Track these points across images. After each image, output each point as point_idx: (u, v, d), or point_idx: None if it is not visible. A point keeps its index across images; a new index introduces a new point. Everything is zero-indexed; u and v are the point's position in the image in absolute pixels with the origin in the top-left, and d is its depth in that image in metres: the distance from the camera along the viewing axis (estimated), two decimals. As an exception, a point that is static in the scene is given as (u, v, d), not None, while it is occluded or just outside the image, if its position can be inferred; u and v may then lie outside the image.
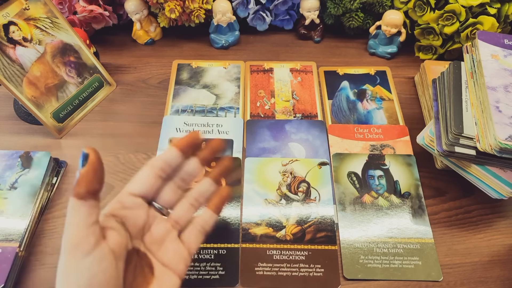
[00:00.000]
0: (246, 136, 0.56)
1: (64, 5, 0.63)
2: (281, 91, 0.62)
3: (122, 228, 0.31)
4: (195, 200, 0.36)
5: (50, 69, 0.54)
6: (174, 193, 0.35)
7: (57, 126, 0.55)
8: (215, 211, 0.36)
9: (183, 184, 0.35)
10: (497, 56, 0.46)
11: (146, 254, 0.33)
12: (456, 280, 0.44)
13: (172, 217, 0.35)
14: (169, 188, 0.34)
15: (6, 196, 0.46)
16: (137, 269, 0.31)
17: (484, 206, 0.50)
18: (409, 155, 0.53)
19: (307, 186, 0.51)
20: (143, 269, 0.32)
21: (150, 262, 0.32)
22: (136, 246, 0.32)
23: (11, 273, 0.41)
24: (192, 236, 0.35)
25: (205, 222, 0.36)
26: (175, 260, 0.33)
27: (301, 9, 0.66)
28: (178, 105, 0.59)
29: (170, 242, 0.34)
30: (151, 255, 0.33)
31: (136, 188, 0.32)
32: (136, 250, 0.32)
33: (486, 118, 0.42)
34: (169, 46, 0.69)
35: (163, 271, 0.33)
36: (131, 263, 0.31)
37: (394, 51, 0.66)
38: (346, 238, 0.46)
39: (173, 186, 0.35)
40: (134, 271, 0.31)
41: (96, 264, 0.27)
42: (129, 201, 0.32)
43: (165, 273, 0.33)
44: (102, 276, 0.27)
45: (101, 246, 0.28)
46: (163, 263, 0.33)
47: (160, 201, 0.34)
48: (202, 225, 0.36)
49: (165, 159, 0.33)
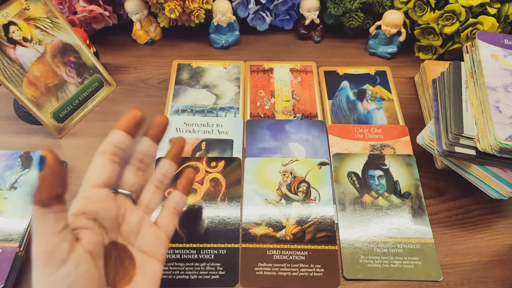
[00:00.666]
0: (246, 136, 0.56)
1: (64, 5, 0.63)
2: (281, 91, 0.62)
3: (95, 224, 0.29)
4: (159, 182, 0.35)
5: (50, 69, 0.54)
6: (135, 175, 0.34)
7: (57, 126, 0.55)
8: (184, 192, 0.37)
9: (142, 165, 0.34)
10: (497, 56, 0.46)
11: (124, 246, 0.32)
12: (456, 280, 0.44)
13: (142, 203, 0.34)
14: (130, 172, 0.33)
15: (6, 196, 0.46)
16: (118, 263, 0.31)
17: (484, 206, 0.50)
18: (409, 155, 0.53)
19: (307, 186, 0.51)
20: (124, 262, 0.31)
21: (130, 253, 0.32)
22: (114, 239, 0.31)
23: (11, 273, 0.41)
24: (166, 219, 0.35)
25: (177, 204, 0.36)
26: (154, 246, 0.33)
27: (301, 9, 0.66)
28: (178, 105, 0.59)
29: (147, 229, 0.34)
30: (130, 246, 0.32)
31: (96, 179, 0.30)
32: (114, 243, 0.31)
33: (486, 118, 0.42)
34: (169, 46, 0.69)
35: (144, 259, 0.33)
36: (111, 258, 0.30)
37: (394, 51, 0.66)
38: (346, 238, 0.46)
39: (133, 169, 0.34)
40: (115, 266, 0.31)
41: (73, 271, 0.26)
42: (95, 193, 0.30)
43: (146, 261, 0.33)
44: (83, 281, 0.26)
45: (75, 250, 0.26)
46: (143, 251, 0.33)
47: (124, 187, 0.33)
48: (174, 207, 0.36)
49: (111, 142, 0.31)
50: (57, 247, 0.25)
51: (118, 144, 0.32)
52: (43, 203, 0.25)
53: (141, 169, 0.34)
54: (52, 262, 0.25)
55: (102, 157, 0.31)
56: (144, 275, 0.32)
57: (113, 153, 0.31)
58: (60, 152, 0.54)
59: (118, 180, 0.33)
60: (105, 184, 0.31)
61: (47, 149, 0.26)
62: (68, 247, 0.26)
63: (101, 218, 0.30)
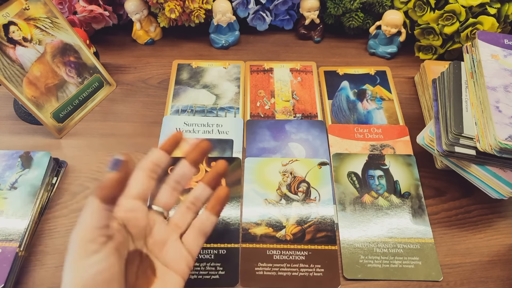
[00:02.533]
0: (246, 136, 0.56)
1: (64, 5, 0.63)
2: (281, 91, 0.62)
3: (123, 229, 0.31)
4: (191, 203, 0.37)
5: (50, 69, 0.54)
6: (170, 195, 0.36)
7: (57, 126, 0.55)
8: (213, 213, 0.37)
9: (178, 186, 0.36)
10: (497, 56, 0.46)
11: (148, 256, 0.33)
12: (456, 280, 0.44)
13: (172, 221, 0.36)
14: (165, 191, 0.36)
15: (6, 196, 0.46)
16: (140, 270, 0.32)
17: (484, 206, 0.50)
18: (409, 155, 0.53)
19: (307, 186, 0.51)
20: (146, 271, 0.33)
21: (152, 264, 0.33)
22: (139, 248, 0.33)
23: (11, 273, 0.41)
24: (192, 238, 0.36)
25: (204, 224, 0.36)
26: (177, 261, 0.34)
27: (301, 9, 0.66)
28: (178, 105, 0.59)
29: (172, 244, 0.34)
30: (153, 257, 0.34)
31: (133, 191, 0.33)
32: (138, 251, 0.33)
33: (486, 118, 0.42)
34: (169, 46, 0.69)
35: (165, 271, 0.33)
36: (133, 264, 0.32)
37: (394, 51, 0.66)
38: (346, 238, 0.46)
39: (168, 188, 0.36)
40: (137, 272, 0.32)
41: (103, 260, 0.28)
42: (128, 204, 0.32)
43: (168, 274, 0.33)
44: (107, 273, 0.28)
45: (108, 245, 0.28)
46: (165, 264, 0.34)
47: (157, 203, 0.35)
48: (201, 227, 0.36)
49: (151, 160, 0.34)
50: (95, 239, 0.28)
51: (156, 161, 0.34)
52: (104, 200, 0.27)
53: (177, 190, 0.36)
54: (86, 250, 0.28)
55: (141, 173, 0.33)
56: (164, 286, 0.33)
57: (151, 170, 0.34)
58: (60, 152, 0.54)
59: (154, 197, 0.35)
60: (140, 197, 0.33)
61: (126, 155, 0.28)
62: (103, 241, 0.28)
63: (129, 226, 0.32)
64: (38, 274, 0.44)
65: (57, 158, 0.52)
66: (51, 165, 0.50)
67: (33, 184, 0.47)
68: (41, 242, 0.46)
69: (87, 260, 0.28)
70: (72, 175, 0.52)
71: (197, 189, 0.37)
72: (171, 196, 0.36)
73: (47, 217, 0.48)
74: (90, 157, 0.53)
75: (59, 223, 0.47)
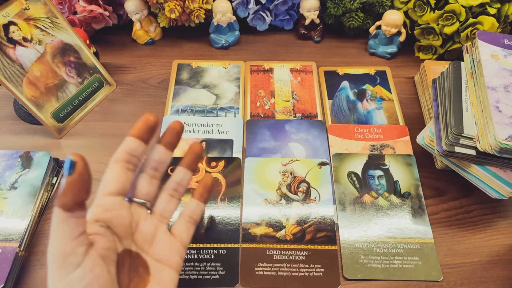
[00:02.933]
0: (246, 136, 0.56)
1: (64, 5, 0.63)
2: (281, 91, 0.62)
3: (108, 231, 0.29)
4: (173, 190, 0.35)
5: (50, 69, 0.54)
6: (149, 183, 0.33)
7: (57, 126, 0.55)
8: (200, 200, 0.36)
9: (156, 173, 0.34)
10: (497, 56, 0.46)
11: (139, 254, 0.32)
12: (456, 280, 0.44)
13: (156, 212, 0.34)
14: (144, 180, 0.33)
15: (6, 196, 0.46)
16: (132, 271, 0.31)
17: (484, 206, 0.50)
18: (409, 155, 0.53)
19: (307, 186, 0.51)
20: (138, 270, 0.31)
21: (144, 261, 0.32)
22: (127, 247, 0.31)
23: (11, 273, 0.41)
24: (182, 227, 0.35)
25: (192, 212, 0.35)
26: (169, 255, 0.33)
27: (301, 9, 0.66)
28: (178, 105, 0.59)
29: (161, 237, 0.33)
30: (144, 254, 0.32)
31: (110, 187, 0.30)
32: (127, 251, 0.31)
33: (486, 118, 0.42)
34: (169, 46, 0.69)
35: (159, 267, 0.32)
36: (124, 265, 0.31)
37: (394, 51, 0.66)
38: (346, 238, 0.46)
39: (147, 177, 0.33)
40: (129, 273, 0.31)
41: (87, 274, 0.26)
42: (109, 202, 0.30)
43: (161, 269, 0.32)
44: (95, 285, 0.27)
45: (89, 255, 0.27)
46: (157, 259, 0.32)
47: (139, 195, 0.33)
48: (190, 215, 0.35)
49: (125, 150, 0.31)
50: (73, 251, 0.26)
51: (130, 150, 0.31)
52: (67, 207, 0.25)
53: (156, 177, 0.34)
54: (67, 265, 0.26)
55: (116, 165, 0.31)
56: (159, 283, 0.32)
57: (127, 161, 0.31)
58: (60, 152, 0.54)
59: (133, 189, 0.33)
60: (119, 193, 0.31)
61: (78, 155, 0.26)
62: (84, 251, 0.26)
63: (114, 226, 0.30)
64: (38, 274, 0.44)
65: (57, 158, 0.52)
66: (51, 165, 0.50)
67: (33, 184, 0.47)
68: (41, 242, 0.46)
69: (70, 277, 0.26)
70: (72, 175, 0.51)
71: (178, 174, 0.35)
72: (150, 185, 0.33)
73: (47, 217, 0.48)
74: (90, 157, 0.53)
75: (59, 223, 0.47)
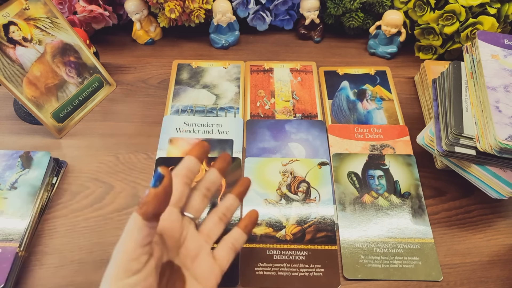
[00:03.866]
0: (246, 136, 0.56)
1: (64, 5, 0.63)
2: (281, 91, 0.62)
3: (160, 240, 0.31)
4: (223, 214, 0.37)
5: (50, 69, 0.54)
6: (201, 201, 0.36)
7: (57, 126, 0.55)
8: (244, 231, 0.38)
9: (208, 192, 0.36)
10: (497, 56, 0.46)
11: (180, 268, 0.33)
12: (456, 280, 0.44)
13: (204, 231, 0.36)
14: (196, 197, 0.35)
15: (6, 196, 0.46)
16: (170, 283, 0.32)
17: (484, 206, 0.50)
18: (409, 155, 0.53)
19: (307, 186, 0.51)
20: (175, 283, 0.32)
21: (183, 277, 0.33)
22: (171, 259, 0.32)
23: (11, 273, 0.41)
24: (223, 253, 0.36)
25: (236, 240, 0.37)
26: (207, 275, 0.34)
27: (301, 9, 0.66)
28: (178, 105, 0.59)
29: (203, 257, 0.34)
30: (184, 269, 0.33)
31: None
32: (170, 263, 0.32)
33: (486, 118, 0.42)
34: (169, 46, 0.69)
35: (195, 285, 0.33)
36: (164, 276, 0.31)
37: (394, 51, 0.66)
38: (346, 238, 0.46)
39: (199, 194, 0.36)
40: (167, 285, 0.31)
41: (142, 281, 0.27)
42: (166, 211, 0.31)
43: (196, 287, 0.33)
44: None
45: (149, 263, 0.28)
46: (195, 277, 0.33)
47: (189, 210, 0.35)
48: (233, 243, 0.37)
49: (187, 167, 0.34)
50: (138, 257, 0.27)
51: (191, 168, 0.34)
52: (146, 217, 0.27)
53: (207, 197, 0.36)
54: (128, 269, 0.27)
55: (177, 179, 0.33)
56: None
57: (187, 176, 0.34)
58: (60, 152, 0.54)
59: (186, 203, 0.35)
60: (176, 204, 0.33)
61: (167, 170, 0.27)
62: (146, 260, 0.28)
63: (166, 236, 0.32)
64: (38, 274, 0.44)
65: (57, 158, 0.52)
66: (51, 165, 0.50)
67: (33, 184, 0.47)
68: (41, 242, 0.46)
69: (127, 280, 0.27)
70: (72, 175, 0.52)
71: (228, 200, 0.38)
72: (202, 203, 0.36)
73: (47, 217, 0.48)
74: (90, 157, 0.53)
75: (59, 223, 0.47)
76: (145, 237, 0.27)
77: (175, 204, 0.33)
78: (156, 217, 0.27)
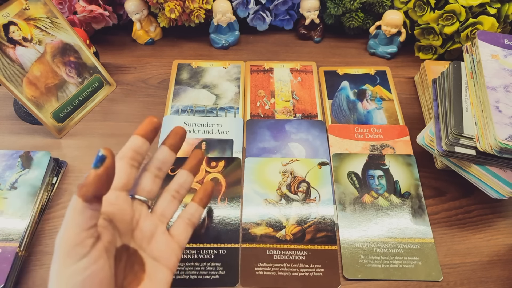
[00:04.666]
0: (246, 136, 0.56)
1: (64, 5, 0.63)
2: (281, 91, 0.62)
3: (110, 225, 0.30)
4: (175, 192, 0.36)
5: (50, 69, 0.54)
6: (152, 182, 0.34)
7: (57, 126, 0.55)
8: (200, 204, 0.37)
9: (159, 172, 0.35)
10: (497, 56, 0.46)
11: (136, 251, 0.32)
12: (456, 280, 0.44)
13: (157, 211, 0.35)
14: (147, 178, 0.34)
15: (6, 196, 0.46)
16: (127, 267, 0.31)
17: (484, 206, 0.50)
18: (409, 155, 0.53)
19: (307, 186, 0.51)
20: (133, 266, 0.32)
21: (140, 259, 0.32)
22: (126, 243, 0.32)
23: (11, 273, 0.41)
24: (180, 229, 0.36)
25: (192, 215, 0.37)
26: (165, 254, 0.34)
27: (301, 9, 0.66)
28: (178, 105, 0.59)
29: (160, 236, 0.34)
30: (141, 251, 0.33)
31: (115, 181, 0.31)
32: (125, 247, 0.32)
33: (486, 118, 0.42)
34: (169, 46, 0.69)
35: (154, 265, 0.33)
36: (121, 260, 0.31)
37: (394, 51, 0.66)
38: (346, 238, 0.46)
39: (150, 175, 0.34)
40: (124, 269, 0.31)
41: (91, 265, 0.27)
42: (113, 196, 0.31)
43: (156, 268, 0.33)
44: (97, 277, 0.27)
45: (96, 247, 0.27)
46: (154, 257, 0.33)
47: (141, 193, 0.34)
48: (189, 217, 0.36)
49: (132, 148, 0.32)
50: (83, 241, 0.26)
51: (136, 149, 0.33)
52: (87, 198, 0.26)
53: (159, 177, 0.35)
54: (73, 254, 0.26)
55: (121, 162, 0.32)
56: (153, 281, 0.32)
57: (132, 158, 0.32)
58: (60, 152, 0.54)
59: (136, 186, 0.34)
60: (123, 188, 0.32)
61: (109, 150, 0.26)
62: (92, 243, 0.27)
63: (116, 220, 0.31)
64: (38, 274, 0.44)
65: (57, 158, 0.52)
66: (51, 165, 0.50)
67: (33, 184, 0.47)
68: (41, 242, 0.46)
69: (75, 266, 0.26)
70: (72, 175, 0.52)
71: (180, 176, 0.36)
72: (153, 184, 0.34)
73: (47, 217, 0.48)
74: (90, 157, 0.53)
75: (59, 223, 0.47)
76: (87, 220, 0.26)
77: (122, 188, 0.31)
78: (97, 199, 0.26)
